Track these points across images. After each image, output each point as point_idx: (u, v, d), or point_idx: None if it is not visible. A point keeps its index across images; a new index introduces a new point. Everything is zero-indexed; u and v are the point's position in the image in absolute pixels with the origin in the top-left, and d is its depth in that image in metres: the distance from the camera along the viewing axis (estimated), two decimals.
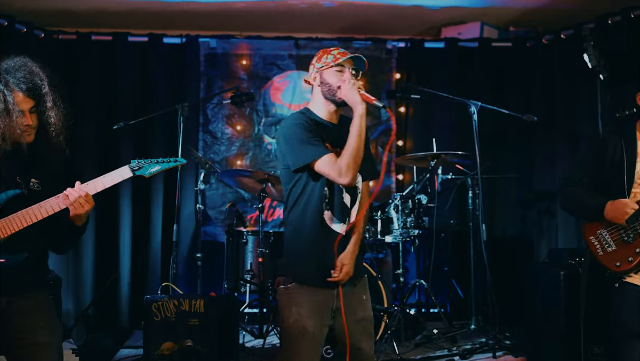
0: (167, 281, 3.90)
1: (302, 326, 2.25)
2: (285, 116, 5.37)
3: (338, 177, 2.23)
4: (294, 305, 2.28)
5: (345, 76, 2.36)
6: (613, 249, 2.61)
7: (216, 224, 5.25)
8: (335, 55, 2.38)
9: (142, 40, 5.10)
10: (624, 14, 4.43)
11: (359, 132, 2.26)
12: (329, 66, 2.37)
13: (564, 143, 4.88)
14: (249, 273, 4.12)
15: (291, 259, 2.36)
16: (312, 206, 2.31)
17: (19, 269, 2.08)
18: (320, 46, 5.37)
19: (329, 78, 2.36)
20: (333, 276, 2.29)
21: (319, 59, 2.42)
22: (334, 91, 2.35)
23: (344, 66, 2.37)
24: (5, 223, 2.05)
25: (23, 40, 4.70)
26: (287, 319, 2.29)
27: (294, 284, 2.31)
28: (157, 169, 2.28)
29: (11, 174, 2.12)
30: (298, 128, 2.31)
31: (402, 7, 4.84)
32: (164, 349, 3.41)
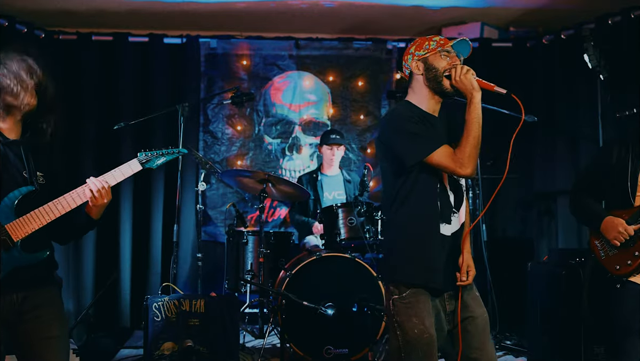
0: (168, 281, 3.90)
1: (429, 336, 2.12)
2: (286, 116, 5.37)
3: (459, 168, 2.10)
4: (415, 316, 2.13)
5: (456, 61, 2.23)
6: (615, 253, 2.65)
7: (216, 224, 5.25)
8: (438, 41, 2.25)
9: (143, 41, 5.11)
10: (624, 14, 4.43)
11: (479, 120, 2.13)
12: (435, 51, 2.23)
13: (564, 143, 4.88)
14: (249, 273, 4.12)
15: (407, 264, 2.19)
16: (425, 204, 2.18)
17: (37, 266, 2.12)
18: (321, 46, 5.38)
19: (436, 63, 2.22)
20: (461, 280, 2.20)
21: (419, 47, 2.27)
22: (440, 77, 2.21)
23: (450, 52, 2.24)
24: (24, 222, 2.06)
25: (23, 40, 4.69)
26: (410, 331, 2.12)
27: (409, 292, 2.15)
28: (163, 161, 2.32)
29: (19, 169, 2.13)
30: (408, 120, 2.18)
31: (402, 7, 4.84)
32: (164, 349, 3.41)
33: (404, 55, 2.32)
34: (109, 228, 4.90)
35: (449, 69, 2.20)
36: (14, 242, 2.04)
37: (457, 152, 2.12)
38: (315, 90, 5.42)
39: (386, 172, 2.28)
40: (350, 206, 4.00)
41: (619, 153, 2.70)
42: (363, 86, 5.45)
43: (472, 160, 2.11)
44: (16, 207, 2.06)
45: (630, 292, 2.59)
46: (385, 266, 2.31)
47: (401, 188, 2.20)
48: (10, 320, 2.08)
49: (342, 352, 3.64)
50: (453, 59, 2.24)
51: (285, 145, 5.38)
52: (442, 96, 2.26)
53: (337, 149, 4.69)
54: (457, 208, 2.25)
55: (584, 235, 4.62)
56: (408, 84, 2.32)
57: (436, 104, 2.28)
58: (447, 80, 2.21)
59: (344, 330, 3.65)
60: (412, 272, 2.17)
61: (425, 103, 2.27)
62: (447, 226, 2.20)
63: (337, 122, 5.42)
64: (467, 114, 2.14)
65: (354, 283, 3.73)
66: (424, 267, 2.16)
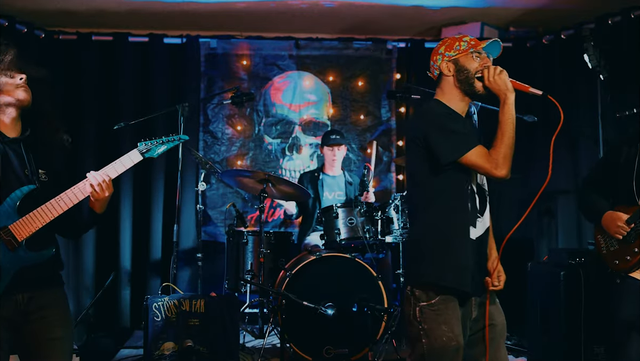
0: (168, 281, 3.91)
1: (456, 344, 2.07)
2: (286, 116, 5.37)
3: (494, 169, 2.07)
4: (444, 323, 2.08)
5: (487, 62, 2.21)
6: (615, 248, 2.69)
7: (216, 224, 5.26)
8: (469, 42, 2.22)
9: (143, 41, 5.10)
10: (624, 14, 4.42)
11: (513, 121, 2.11)
12: (467, 52, 2.20)
13: (564, 143, 4.87)
14: (249, 273, 4.12)
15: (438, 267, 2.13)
16: (456, 206, 2.15)
17: (43, 265, 2.11)
18: (321, 46, 5.38)
19: (467, 64, 2.19)
20: (492, 285, 2.18)
21: (448, 47, 2.23)
22: (472, 79, 2.18)
23: (482, 53, 2.22)
24: (27, 221, 2.06)
25: (23, 40, 4.70)
26: (438, 339, 2.07)
27: (439, 298, 2.09)
28: (164, 149, 2.32)
29: (21, 167, 2.12)
30: (445, 118, 2.15)
31: (402, 7, 4.84)
32: (164, 349, 3.41)
33: (432, 55, 2.28)
34: (109, 228, 4.89)
35: (480, 70, 2.17)
36: (19, 242, 2.04)
37: (492, 152, 2.08)
38: (315, 90, 5.42)
39: (416, 171, 2.23)
40: (350, 206, 4.00)
41: (627, 152, 2.72)
42: (363, 86, 5.45)
43: (507, 161, 2.07)
44: (19, 207, 2.06)
45: (631, 288, 2.61)
46: (412, 268, 2.23)
47: (432, 188, 2.16)
48: (16, 320, 2.07)
49: (342, 352, 3.64)
50: (484, 59, 2.21)
51: (285, 145, 5.38)
52: (472, 97, 2.23)
53: (337, 150, 4.69)
54: (482, 212, 2.22)
55: (584, 235, 4.62)
56: (436, 84, 2.28)
57: (465, 105, 2.26)
58: (479, 82, 2.18)
59: (344, 330, 3.65)
60: (443, 275, 2.10)
61: (455, 104, 2.23)
62: (473, 230, 2.16)
63: (337, 122, 5.42)
64: (500, 115, 2.12)
65: (354, 283, 3.73)
66: (455, 270, 2.10)
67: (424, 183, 2.19)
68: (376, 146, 4.93)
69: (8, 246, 2.02)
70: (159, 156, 2.34)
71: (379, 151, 5.41)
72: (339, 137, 4.71)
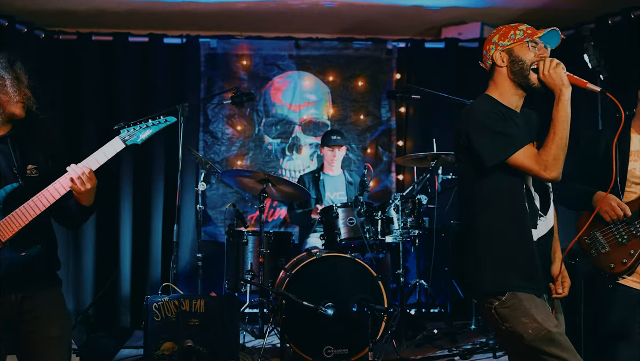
0: (168, 281, 3.90)
1: (547, 333, 1.93)
2: (286, 116, 5.37)
3: (543, 171, 1.93)
4: (523, 316, 1.96)
5: (544, 53, 2.07)
6: (607, 250, 2.60)
7: (216, 224, 5.25)
8: (525, 30, 2.08)
9: (143, 41, 5.11)
10: (624, 14, 4.43)
11: (567, 119, 1.94)
12: (522, 42, 2.06)
13: None
14: (249, 273, 4.12)
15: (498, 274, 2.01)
16: (512, 207, 2.04)
17: (33, 264, 2.09)
18: (321, 46, 5.38)
19: (523, 55, 2.05)
20: (557, 292, 2.11)
21: (503, 36, 2.09)
22: (527, 71, 2.05)
23: (538, 43, 2.08)
24: (10, 220, 2.03)
25: (23, 40, 4.70)
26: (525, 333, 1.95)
27: (508, 295, 1.98)
28: (149, 134, 2.18)
29: (8, 165, 2.10)
30: (490, 117, 2.01)
31: (402, 7, 4.84)
32: (164, 349, 3.41)
33: (485, 45, 2.15)
34: (109, 228, 4.90)
35: (536, 62, 2.04)
36: (2, 242, 2.02)
37: (542, 153, 1.94)
38: (315, 90, 5.42)
39: (464, 173, 2.12)
40: (350, 206, 4.00)
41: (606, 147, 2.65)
42: (363, 86, 5.45)
43: (558, 163, 1.94)
44: (2, 206, 2.04)
45: (621, 295, 2.56)
46: (471, 279, 2.09)
47: (485, 188, 2.05)
48: (11, 320, 2.07)
49: (342, 352, 3.64)
50: (541, 50, 2.08)
51: (285, 145, 5.38)
52: (527, 90, 2.10)
53: (338, 150, 4.69)
54: (545, 211, 2.11)
55: None
56: (489, 77, 2.16)
57: (519, 99, 2.13)
58: (534, 73, 2.04)
59: (344, 330, 3.65)
60: (505, 281, 1.99)
61: (508, 98, 2.11)
62: (534, 231, 2.06)
63: (337, 122, 5.42)
64: (554, 111, 1.97)
65: (354, 283, 3.73)
66: (518, 275, 2.00)
67: (474, 182, 2.07)
68: (376, 145, 4.93)
69: None
70: (158, 156, 2.30)
71: (379, 150, 5.42)
72: (339, 138, 4.70)
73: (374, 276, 3.75)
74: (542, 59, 2.04)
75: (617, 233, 2.59)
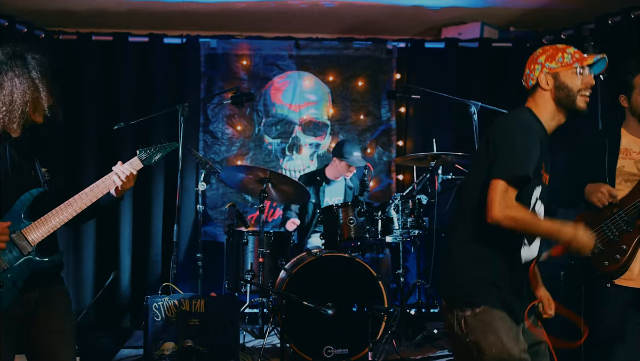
0: (168, 281, 3.90)
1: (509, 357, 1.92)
2: (286, 116, 5.37)
3: (497, 212, 1.86)
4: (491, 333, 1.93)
5: (590, 82, 2.05)
6: (600, 249, 2.62)
7: (216, 224, 5.26)
8: (573, 54, 2.03)
9: (143, 41, 5.11)
10: (624, 14, 4.43)
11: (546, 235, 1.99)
12: (571, 67, 2.02)
13: (564, 143, 4.87)
14: (249, 273, 4.12)
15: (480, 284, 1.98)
16: None
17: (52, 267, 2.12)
18: (321, 46, 5.38)
19: (569, 81, 2.02)
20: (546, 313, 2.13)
21: (550, 57, 2.04)
22: (574, 97, 2.02)
23: (585, 69, 2.03)
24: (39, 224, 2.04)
25: (23, 40, 4.69)
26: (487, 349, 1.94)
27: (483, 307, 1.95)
28: (160, 157, 2.35)
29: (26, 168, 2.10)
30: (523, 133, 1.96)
31: (402, 7, 4.84)
32: (164, 349, 3.41)
33: (530, 64, 2.09)
34: (109, 227, 4.90)
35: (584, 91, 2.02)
36: (32, 246, 2.03)
37: (517, 207, 1.89)
38: (315, 90, 5.42)
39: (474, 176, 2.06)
40: (351, 206, 4.00)
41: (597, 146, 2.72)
42: (363, 86, 5.45)
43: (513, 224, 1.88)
44: (29, 210, 2.05)
45: (616, 295, 2.58)
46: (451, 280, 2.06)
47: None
48: (26, 318, 2.07)
49: (342, 352, 3.64)
50: (588, 77, 2.04)
51: (285, 145, 5.38)
52: (572, 115, 2.08)
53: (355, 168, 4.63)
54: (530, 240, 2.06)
55: None
56: (529, 94, 2.11)
57: (555, 124, 2.11)
58: (581, 98, 2.03)
59: (344, 330, 3.65)
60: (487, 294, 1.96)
61: (548, 118, 2.08)
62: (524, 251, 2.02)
63: (337, 122, 5.42)
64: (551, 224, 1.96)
65: (354, 283, 3.73)
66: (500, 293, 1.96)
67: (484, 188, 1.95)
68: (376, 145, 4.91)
69: (22, 250, 2.02)
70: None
71: (379, 150, 5.42)
72: (360, 155, 4.58)
73: (374, 276, 3.75)
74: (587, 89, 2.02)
75: (607, 230, 2.62)
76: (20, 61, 2.06)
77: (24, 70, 2.05)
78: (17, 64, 2.05)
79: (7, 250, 2.01)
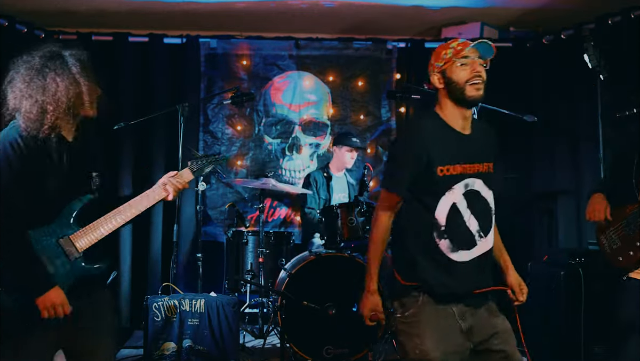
0: (168, 281, 3.90)
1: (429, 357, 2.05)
2: (286, 116, 5.37)
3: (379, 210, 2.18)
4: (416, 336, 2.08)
5: (476, 68, 2.07)
6: (618, 245, 2.67)
7: (216, 224, 5.25)
8: (455, 48, 2.09)
9: (143, 41, 5.11)
10: (624, 14, 4.43)
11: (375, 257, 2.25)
12: (451, 61, 2.07)
13: (564, 143, 4.88)
14: (249, 273, 4.13)
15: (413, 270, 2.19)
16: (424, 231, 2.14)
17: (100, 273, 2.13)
18: (321, 46, 5.38)
19: (454, 75, 2.07)
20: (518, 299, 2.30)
21: (436, 57, 2.12)
22: (463, 88, 2.06)
23: (469, 57, 2.08)
24: (87, 231, 2.05)
25: (23, 40, 4.70)
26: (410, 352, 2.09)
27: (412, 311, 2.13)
28: (210, 170, 2.34)
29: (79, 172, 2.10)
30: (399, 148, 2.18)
31: (402, 7, 4.84)
32: (164, 349, 3.41)
33: (428, 68, 2.18)
34: None
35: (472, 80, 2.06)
36: (79, 252, 2.04)
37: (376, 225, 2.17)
38: (315, 90, 5.42)
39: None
40: (350, 206, 4.00)
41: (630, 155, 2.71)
42: (363, 86, 5.45)
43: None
44: (78, 216, 2.05)
45: (632, 289, 2.60)
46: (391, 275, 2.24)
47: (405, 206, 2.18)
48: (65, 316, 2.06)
49: (342, 352, 3.64)
50: (473, 65, 2.07)
51: (285, 145, 5.38)
52: (469, 105, 2.10)
53: (355, 152, 4.69)
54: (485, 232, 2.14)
55: (584, 235, 4.62)
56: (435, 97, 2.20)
57: (461, 117, 2.12)
58: (470, 87, 2.06)
59: (344, 330, 3.65)
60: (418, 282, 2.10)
61: (452, 118, 2.12)
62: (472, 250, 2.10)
63: (337, 122, 5.42)
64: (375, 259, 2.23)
65: (354, 283, 3.73)
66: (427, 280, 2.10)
67: None
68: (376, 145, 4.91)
69: (69, 256, 2.02)
70: (158, 156, 2.33)
71: (379, 150, 5.42)
72: (359, 140, 4.70)
73: None
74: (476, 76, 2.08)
75: (627, 226, 2.65)
76: (58, 60, 2.07)
77: (64, 69, 2.05)
78: (56, 64, 2.05)
79: (55, 256, 2.00)
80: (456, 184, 2.08)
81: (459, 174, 2.09)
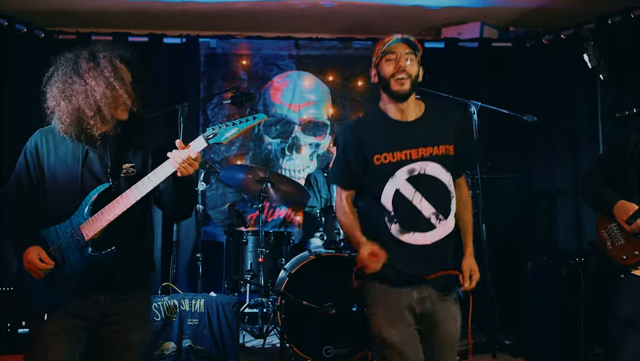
0: (167, 281, 3.90)
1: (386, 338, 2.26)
2: (285, 115, 5.37)
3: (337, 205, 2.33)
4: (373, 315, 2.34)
5: (401, 64, 2.13)
6: (622, 243, 2.66)
7: (216, 224, 5.25)
8: (384, 43, 2.17)
9: (143, 41, 5.10)
10: (624, 14, 4.43)
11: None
12: (380, 57, 2.17)
13: (564, 143, 4.88)
14: (249, 273, 4.12)
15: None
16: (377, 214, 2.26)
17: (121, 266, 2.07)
18: (320, 46, 5.38)
19: (382, 70, 2.17)
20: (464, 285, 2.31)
21: (374, 53, 2.22)
22: (388, 82, 2.15)
23: (395, 52, 2.14)
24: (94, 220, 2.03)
25: (23, 40, 4.70)
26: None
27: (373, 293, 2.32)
28: (234, 133, 2.22)
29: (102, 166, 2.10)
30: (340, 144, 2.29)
31: (402, 7, 4.84)
32: (164, 349, 3.41)
33: None
34: None
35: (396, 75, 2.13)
36: (86, 242, 2.03)
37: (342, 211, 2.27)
38: (315, 90, 5.42)
39: None
40: None
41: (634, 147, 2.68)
42: (363, 86, 5.45)
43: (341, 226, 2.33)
44: (93, 205, 2.04)
45: (632, 285, 2.60)
46: None
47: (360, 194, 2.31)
48: (94, 320, 2.06)
49: (342, 352, 3.64)
50: (399, 60, 2.14)
51: (285, 145, 5.38)
52: (399, 99, 2.16)
53: None
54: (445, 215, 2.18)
55: (584, 235, 4.62)
56: None
57: (398, 110, 2.19)
58: (395, 82, 2.13)
59: (344, 330, 3.65)
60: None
61: (391, 109, 2.21)
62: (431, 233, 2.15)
63: (337, 122, 5.42)
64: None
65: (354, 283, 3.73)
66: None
67: None
68: None
69: (77, 246, 2.03)
70: (159, 156, 2.29)
71: None
72: None
73: None
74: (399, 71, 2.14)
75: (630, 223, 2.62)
76: (92, 63, 2.09)
77: (97, 71, 2.07)
78: (89, 67, 2.07)
79: (67, 247, 2.03)
80: (397, 170, 2.14)
81: (400, 161, 2.14)
